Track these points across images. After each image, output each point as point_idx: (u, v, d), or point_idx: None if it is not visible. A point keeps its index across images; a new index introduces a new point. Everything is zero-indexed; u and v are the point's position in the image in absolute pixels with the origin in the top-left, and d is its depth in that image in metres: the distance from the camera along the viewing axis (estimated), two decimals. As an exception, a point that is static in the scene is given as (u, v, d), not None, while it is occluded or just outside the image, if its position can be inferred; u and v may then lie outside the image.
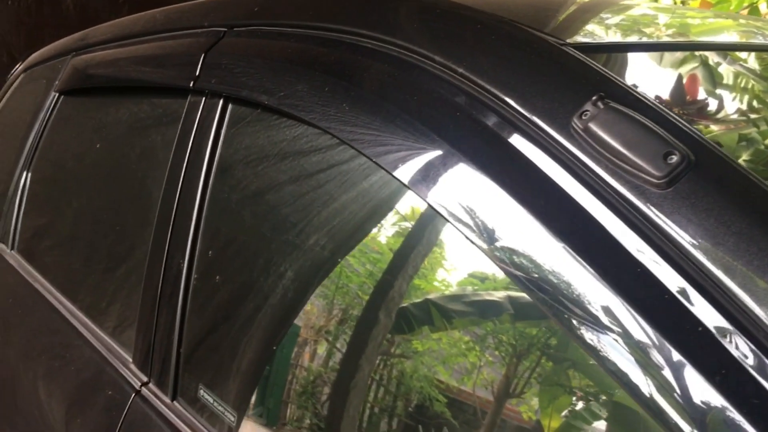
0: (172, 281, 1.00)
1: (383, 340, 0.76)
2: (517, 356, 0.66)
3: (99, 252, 1.35)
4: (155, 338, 1.02)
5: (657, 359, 0.55)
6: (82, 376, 1.18)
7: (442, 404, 0.71)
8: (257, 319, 0.90)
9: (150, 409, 1.00)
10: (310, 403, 0.84)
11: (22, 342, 1.42)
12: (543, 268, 0.61)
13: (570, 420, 0.62)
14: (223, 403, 0.90)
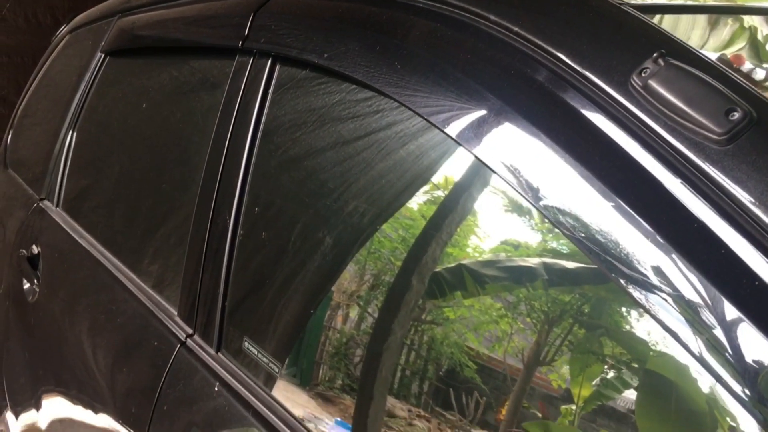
0: (218, 237, 1.02)
1: (416, 304, 0.76)
2: (549, 323, 0.66)
3: (144, 209, 1.38)
4: (200, 292, 1.04)
5: (710, 317, 0.54)
6: (128, 329, 1.21)
7: (472, 370, 0.71)
8: (300, 275, 0.92)
9: (195, 360, 1.02)
10: (344, 365, 0.85)
11: (68, 296, 1.46)
12: (598, 225, 0.61)
13: (601, 389, 0.62)
14: (267, 354, 0.91)
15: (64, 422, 1.36)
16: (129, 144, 1.51)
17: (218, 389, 0.95)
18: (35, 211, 1.68)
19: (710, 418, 0.56)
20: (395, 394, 0.78)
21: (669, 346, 0.59)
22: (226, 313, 1.00)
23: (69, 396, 1.35)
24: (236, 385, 0.94)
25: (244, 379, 0.94)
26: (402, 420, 0.76)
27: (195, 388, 0.99)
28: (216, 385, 0.96)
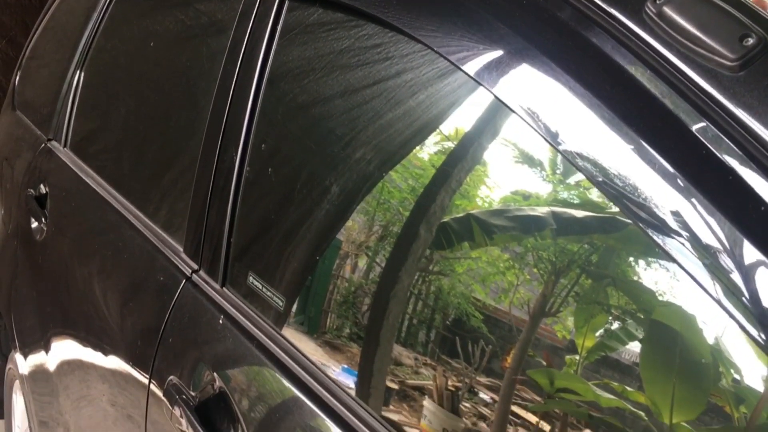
0: (224, 173, 1.02)
1: (423, 254, 0.76)
2: (556, 274, 0.66)
3: (151, 148, 1.38)
4: (206, 228, 1.05)
5: (725, 257, 0.54)
6: (135, 265, 1.23)
7: (478, 320, 0.71)
8: (304, 212, 0.92)
9: (200, 294, 1.03)
10: (351, 313, 0.86)
11: (75, 234, 1.47)
12: (610, 159, 0.61)
13: (605, 340, 0.62)
14: (271, 289, 0.93)
15: (72, 361, 1.40)
16: (136, 84, 1.50)
17: (222, 322, 0.97)
18: (43, 151, 1.69)
19: (714, 370, 0.56)
20: (402, 343, 0.79)
21: (676, 296, 0.59)
22: (231, 249, 1.01)
23: (76, 331, 1.38)
24: (240, 318, 0.96)
25: (248, 312, 0.95)
26: (408, 368, 0.77)
27: (200, 321, 1.01)
28: (221, 318, 0.97)
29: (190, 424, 0.91)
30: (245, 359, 0.92)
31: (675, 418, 0.58)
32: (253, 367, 0.90)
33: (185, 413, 0.92)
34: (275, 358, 0.89)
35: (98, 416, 1.26)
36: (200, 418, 0.91)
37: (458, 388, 0.72)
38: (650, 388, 0.59)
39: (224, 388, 0.92)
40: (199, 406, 0.92)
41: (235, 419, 0.89)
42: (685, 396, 0.57)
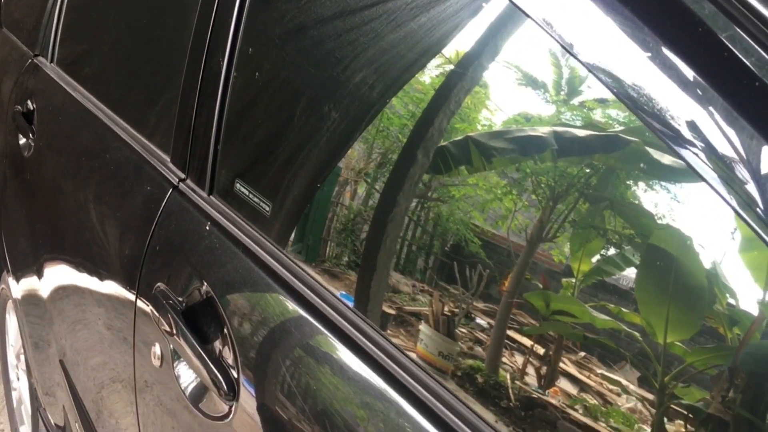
0: (211, 80, 1.01)
1: (421, 177, 0.76)
2: (554, 199, 0.66)
3: (137, 57, 1.36)
4: (193, 137, 1.05)
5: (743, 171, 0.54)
6: (122, 176, 1.23)
7: (477, 245, 0.72)
8: (294, 118, 0.91)
9: (187, 202, 1.04)
10: (350, 241, 0.86)
11: (62, 148, 1.47)
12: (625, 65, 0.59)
13: (601, 264, 0.63)
14: (258, 194, 0.93)
15: (65, 285, 1.40)
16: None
17: (209, 229, 0.97)
18: (30, 67, 1.67)
19: (709, 294, 0.56)
20: (400, 270, 0.79)
21: (675, 220, 0.58)
22: (219, 157, 1.01)
23: (66, 248, 1.39)
24: (227, 224, 0.96)
25: (235, 219, 0.96)
26: (406, 295, 0.78)
27: (186, 229, 1.02)
28: (207, 224, 0.98)
29: (177, 329, 0.92)
30: (232, 264, 0.93)
31: (669, 338, 0.58)
32: (240, 271, 0.91)
33: (172, 318, 0.93)
34: (261, 262, 0.90)
35: (94, 339, 1.27)
36: (187, 322, 0.91)
37: (454, 313, 0.73)
38: (645, 310, 0.60)
39: (211, 292, 0.92)
40: (186, 311, 0.93)
41: (221, 322, 0.90)
42: (679, 317, 0.58)
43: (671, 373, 0.58)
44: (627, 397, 0.61)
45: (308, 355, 0.81)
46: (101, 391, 1.26)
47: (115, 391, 1.18)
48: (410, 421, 0.70)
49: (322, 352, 0.80)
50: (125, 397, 1.14)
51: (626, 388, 0.61)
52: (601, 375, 0.62)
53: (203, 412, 0.91)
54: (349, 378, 0.77)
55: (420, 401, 0.72)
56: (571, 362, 0.65)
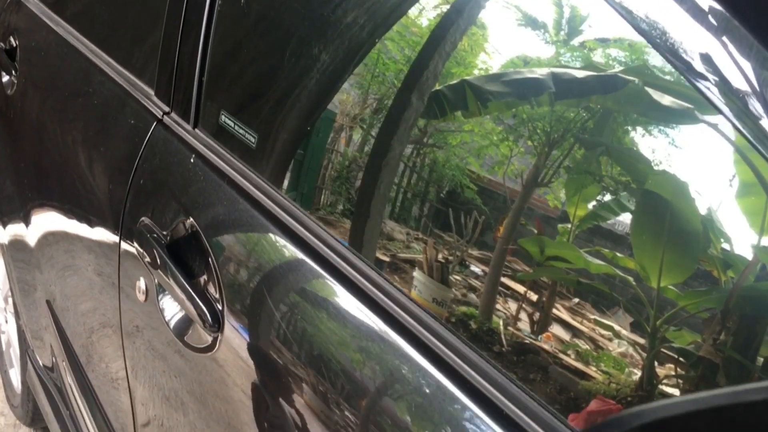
0: (195, 9, 0.99)
1: (416, 121, 0.75)
2: (550, 145, 0.65)
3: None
4: (177, 70, 1.04)
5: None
6: (105, 110, 1.23)
7: (473, 191, 0.71)
8: (282, 47, 0.90)
9: (171, 135, 1.03)
10: (345, 189, 0.85)
11: (45, 84, 1.46)
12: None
13: (597, 210, 0.62)
14: (243, 126, 0.92)
15: (53, 231, 1.40)
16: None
17: (194, 161, 0.96)
18: (12, 3, 1.65)
19: (704, 238, 0.56)
20: (395, 218, 0.78)
21: (671, 166, 0.58)
22: (203, 90, 1.00)
23: (49, 184, 1.39)
24: (212, 157, 0.95)
25: (219, 151, 0.95)
26: (400, 243, 0.77)
27: (171, 162, 1.01)
28: (192, 157, 0.97)
29: (161, 261, 0.91)
30: (216, 196, 0.92)
31: (663, 282, 0.58)
32: (224, 203, 0.90)
33: (156, 251, 0.93)
34: (246, 194, 0.89)
35: (83, 285, 1.27)
36: (171, 256, 0.91)
37: (448, 260, 0.72)
38: (640, 254, 0.59)
39: (195, 225, 0.92)
40: (170, 244, 0.93)
41: (205, 255, 0.89)
42: (673, 261, 0.58)
43: (663, 317, 0.58)
44: (619, 342, 0.61)
45: (292, 285, 0.81)
46: (91, 335, 1.26)
47: (105, 336, 1.18)
48: (388, 345, 0.70)
49: (306, 282, 0.80)
50: (115, 341, 1.15)
51: (618, 333, 0.61)
52: (594, 320, 0.62)
53: (188, 344, 0.91)
54: (334, 307, 0.77)
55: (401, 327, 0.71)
56: (565, 308, 0.65)
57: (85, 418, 1.34)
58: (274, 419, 0.77)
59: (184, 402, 0.93)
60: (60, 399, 1.53)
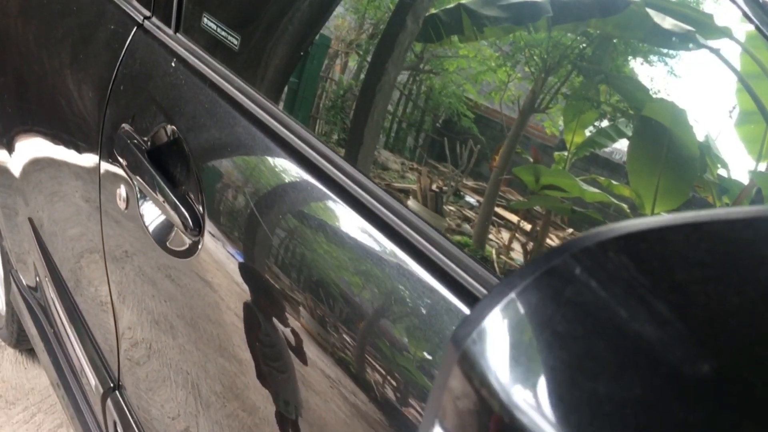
0: None
1: (410, 45, 0.73)
2: (547, 71, 0.64)
3: None
4: None
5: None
6: (84, 15, 1.21)
7: (470, 120, 0.70)
8: None
9: (152, 40, 1.02)
10: (339, 118, 0.84)
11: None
12: None
13: (594, 137, 0.61)
14: (226, 28, 0.91)
15: (39, 157, 1.39)
16: None
17: (175, 65, 0.95)
18: None
19: (700, 163, 0.55)
20: (389, 148, 0.77)
21: (670, 94, 0.57)
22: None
23: (29, 94, 1.37)
24: (194, 60, 0.94)
25: (201, 55, 0.94)
26: (395, 172, 0.77)
27: (151, 67, 1.00)
28: (173, 61, 0.96)
29: (141, 168, 0.91)
30: (198, 100, 0.91)
31: (657, 209, 0.58)
32: (206, 106, 0.89)
33: (136, 157, 0.92)
34: (228, 97, 0.88)
35: (71, 210, 1.27)
36: (152, 161, 0.91)
37: (443, 190, 0.72)
38: (635, 180, 0.59)
39: (175, 130, 0.91)
40: (151, 150, 0.92)
41: (186, 159, 0.89)
42: (669, 187, 0.57)
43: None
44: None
45: (275, 187, 0.80)
46: (80, 260, 1.27)
47: (93, 261, 1.18)
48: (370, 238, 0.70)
49: (289, 184, 0.79)
50: (103, 265, 1.15)
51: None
52: (587, 250, 0.62)
53: (169, 249, 0.91)
54: (314, 199, 0.76)
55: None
56: (559, 239, 0.65)
57: (71, 339, 1.36)
58: (265, 337, 0.78)
59: (173, 325, 0.94)
60: (44, 318, 1.55)
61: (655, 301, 0.32)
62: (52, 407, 1.86)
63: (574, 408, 0.31)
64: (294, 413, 0.73)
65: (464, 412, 0.34)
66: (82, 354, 1.31)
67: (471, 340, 0.35)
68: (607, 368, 0.31)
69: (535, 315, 0.34)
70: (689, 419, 0.29)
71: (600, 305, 0.33)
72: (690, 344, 0.31)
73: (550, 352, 0.33)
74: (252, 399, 0.79)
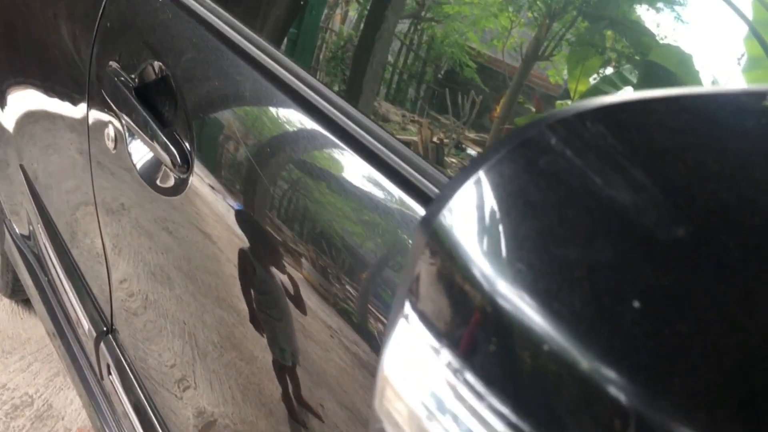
0: None
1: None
2: (551, 16, 0.62)
3: None
4: None
5: None
6: None
7: (472, 70, 0.69)
8: None
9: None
10: (340, 69, 0.83)
11: None
12: None
13: (599, 84, 0.60)
14: None
15: (33, 110, 1.38)
16: None
17: (162, 1, 0.93)
18: None
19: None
20: (390, 100, 0.76)
21: (677, 40, 0.56)
22: None
23: (17, 36, 1.36)
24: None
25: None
26: (395, 124, 0.76)
27: (138, 1, 0.97)
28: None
29: (129, 105, 0.90)
30: (185, 36, 0.89)
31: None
32: (194, 41, 0.88)
33: (124, 95, 0.91)
34: (217, 32, 0.86)
35: (67, 164, 1.26)
36: (140, 98, 0.90)
37: (444, 142, 0.71)
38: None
39: (163, 67, 0.90)
40: (138, 88, 0.91)
41: (174, 96, 0.87)
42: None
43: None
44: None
45: (265, 123, 0.78)
46: (75, 213, 1.26)
47: (89, 213, 1.18)
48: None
49: (281, 119, 0.77)
50: (98, 218, 1.14)
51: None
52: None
53: (158, 187, 0.90)
54: (308, 138, 0.74)
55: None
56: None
57: (65, 286, 1.36)
58: (260, 283, 0.77)
59: (170, 277, 0.93)
60: (38, 266, 1.55)
61: (632, 168, 0.32)
62: (48, 356, 1.88)
63: (542, 274, 0.30)
64: (291, 361, 0.73)
65: (435, 290, 0.34)
66: (76, 300, 1.31)
67: (441, 218, 0.34)
68: (579, 234, 0.31)
69: (507, 186, 0.33)
70: (661, 282, 0.29)
71: (574, 173, 0.32)
72: (665, 209, 0.30)
73: (521, 222, 0.32)
74: (250, 348, 0.79)
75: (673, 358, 0.28)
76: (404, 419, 0.34)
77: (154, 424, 1.06)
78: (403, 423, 0.34)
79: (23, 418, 1.72)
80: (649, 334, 0.29)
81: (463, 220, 0.33)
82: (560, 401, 0.29)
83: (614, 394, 0.28)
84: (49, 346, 1.86)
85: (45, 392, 1.80)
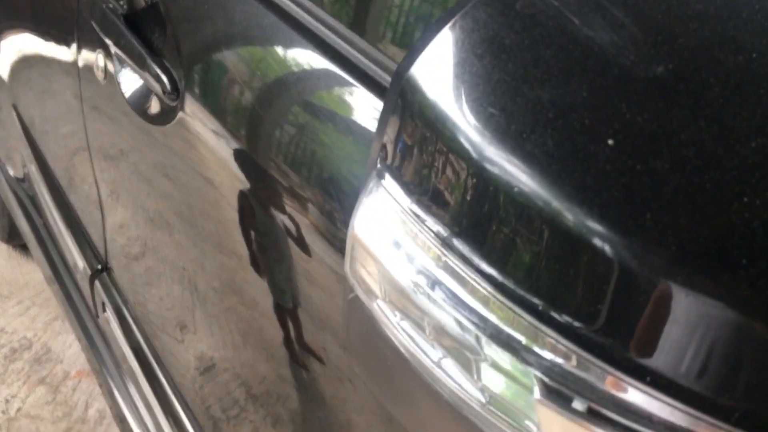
0: None
1: None
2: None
3: None
4: None
5: None
6: None
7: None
8: None
9: None
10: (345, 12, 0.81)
11: None
12: None
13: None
14: None
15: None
16: None
17: None
18: None
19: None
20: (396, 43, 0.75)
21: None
22: None
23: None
24: None
25: None
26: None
27: None
28: None
29: (118, 32, 0.89)
30: None
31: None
32: None
33: (113, 22, 0.89)
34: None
35: (62, 109, 1.26)
36: (129, 26, 0.88)
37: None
38: None
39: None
40: (127, 14, 0.90)
41: (163, 24, 0.86)
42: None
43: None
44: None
45: (257, 47, 0.76)
46: (72, 158, 1.26)
47: (86, 159, 1.18)
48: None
49: (276, 42, 0.74)
50: (95, 163, 1.14)
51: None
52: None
53: (148, 116, 0.89)
54: (304, 62, 0.70)
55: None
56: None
57: (60, 228, 1.35)
58: (258, 222, 0.76)
59: (169, 222, 0.93)
60: (33, 208, 1.55)
61: (611, 7, 0.30)
62: (46, 301, 1.87)
63: (515, 117, 0.29)
64: (292, 303, 0.71)
65: (407, 147, 0.33)
66: (71, 241, 1.31)
67: (414, 70, 0.33)
68: (554, 75, 0.30)
69: (482, 31, 0.32)
70: (637, 119, 0.27)
71: (551, 14, 0.31)
72: (645, 47, 0.29)
73: (495, 66, 0.31)
74: (250, 292, 0.78)
75: (647, 195, 0.27)
76: (375, 279, 0.33)
77: (153, 368, 1.06)
78: (373, 284, 0.33)
79: (22, 361, 1.73)
80: (623, 172, 0.28)
81: (436, 70, 0.33)
82: (530, 246, 0.29)
83: (587, 234, 0.27)
84: (47, 290, 1.83)
85: (43, 336, 1.80)
